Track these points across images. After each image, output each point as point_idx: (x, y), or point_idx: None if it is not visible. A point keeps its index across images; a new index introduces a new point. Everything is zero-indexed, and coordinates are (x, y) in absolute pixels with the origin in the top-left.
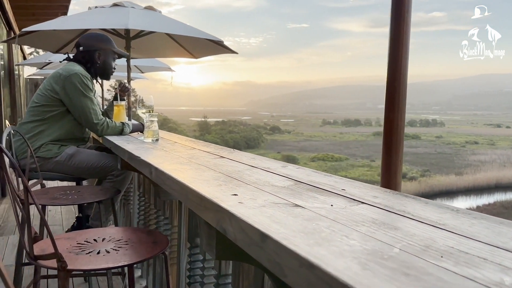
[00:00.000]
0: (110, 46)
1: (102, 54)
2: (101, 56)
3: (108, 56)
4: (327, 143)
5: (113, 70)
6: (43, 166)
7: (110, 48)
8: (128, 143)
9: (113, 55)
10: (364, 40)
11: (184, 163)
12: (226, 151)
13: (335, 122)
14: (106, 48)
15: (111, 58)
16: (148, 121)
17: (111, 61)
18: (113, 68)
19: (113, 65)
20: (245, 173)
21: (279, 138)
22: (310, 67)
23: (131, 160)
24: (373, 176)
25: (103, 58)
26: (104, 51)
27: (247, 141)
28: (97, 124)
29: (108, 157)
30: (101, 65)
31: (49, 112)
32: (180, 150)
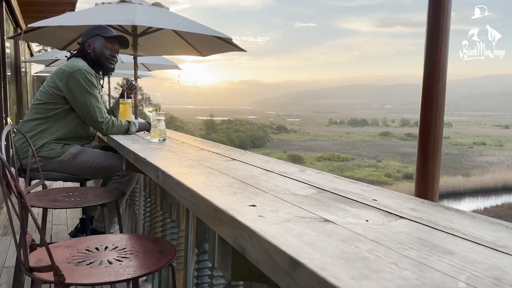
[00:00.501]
0: (98, 32)
1: (91, 42)
2: (91, 44)
3: (98, 42)
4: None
5: (107, 57)
6: (45, 166)
7: (97, 34)
8: (134, 143)
9: (104, 41)
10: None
11: (193, 166)
12: (237, 152)
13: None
14: (94, 35)
15: (102, 45)
16: (155, 120)
17: (103, 48)
18: (109, 56)
19: (107, 52)
20: (260, 178)
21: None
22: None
23: (137, 161)
24: (380, 177)
25: (93, 46)
26: (93, 38)
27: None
28: (102, 123)
29: (113, 157)
30: (92, 54)
31: (52, 110)
32: (189, 151)
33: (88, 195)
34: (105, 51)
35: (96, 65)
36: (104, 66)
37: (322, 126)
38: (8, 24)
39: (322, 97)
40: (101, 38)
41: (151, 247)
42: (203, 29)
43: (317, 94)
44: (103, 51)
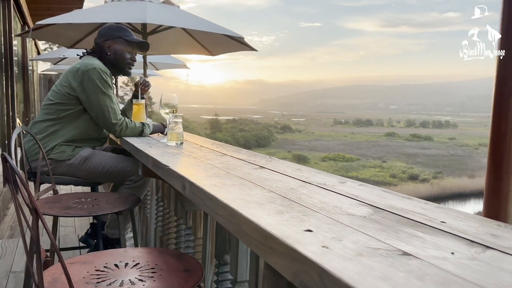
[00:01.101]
0: (119, 34)
1: (111, 44)
2: (111, 46)
3: (119, 45)
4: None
5: (128, 62)
6: (55, 169)
7: (119, 36)
8: (151, 146)
9: (126, 44)
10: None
11: (222, 175)
12: (262, 158)
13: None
14: (116, 36)
15: (123, 48)
16: (172, 123)
17: (124, 51)
18: (130, 60)
19: (128, 56)
20: (301, 192)
21: (289, 137)
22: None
23: (157, 168)
24: (385, 177)
25: (113, 48)
26: (114, 40)
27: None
28: (115, 125)
29: (126, 161)
30: (111, 56)
31: (64, 110)
32: (211, 156)
33: (102, 201)
34: (126, 55)
35: (113, 67)
36: (122, 69)
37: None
38: (16, 22)
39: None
40: (123, 41)
41: (175, 264)
42: (214, 28)
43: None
44: (124, 55)
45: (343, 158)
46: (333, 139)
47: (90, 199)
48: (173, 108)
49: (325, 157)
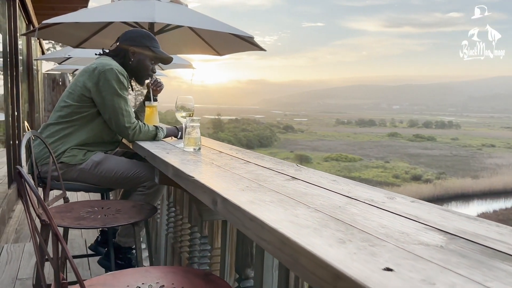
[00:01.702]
0: (148, 43)
1: (136, 52)
2: (135, 54)
3: (144, 55)
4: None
5: (149, 74)
6: (66, 174)
7: (147, 46)
8: (168, 152)
9: (152, 56)
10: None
11: (255, 189)
12: (290, 167)
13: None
14: (143, 46)
15: (147, 59)
16: (189, 127)
17: (147, 62)
18: (150, 72)
19: (150, 68)
20: (350, 211)
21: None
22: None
23: (179, 178)
24: (388, 178)
25: (137, 57)
26: (139, 48)
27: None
28: (128, 128)
29: (140, 166)
30: (134, 65)
31: (78, 113)
32: (234, 164)
33: (115, 210)
34: (149, 66)
35: (131, 74)
36: (139, 78)
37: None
38: (21, 21)
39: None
40: (149, 51)
41: (201, 285)
42: (224, 27)
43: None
44: (147, 65)
45: (345, 158)
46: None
47: (103, 208)
48: (190, 111)
49: (328, 157)
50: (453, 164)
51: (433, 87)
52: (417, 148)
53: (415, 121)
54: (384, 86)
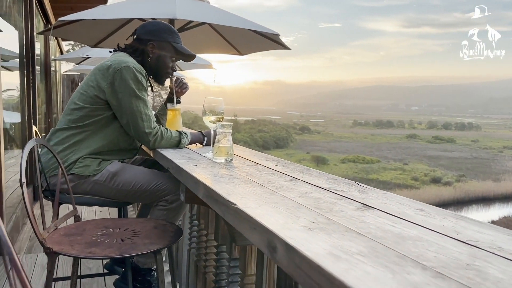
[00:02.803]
0: (169, 38)
1: (156, 47)
2: (155, 49)
3: (164, 50)
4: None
5: (168, 72)
6: (78, 187)
7: (168, 41)
8: (195, 164)
9: (173, 52)
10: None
11: (324, 225)
12: (350, 186)
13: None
14: (163, 40)
15: (168, 56)
16: (219, 134)
17: (167, 59)
18: (170, 70)
19: (170, 65)
20: (488, 272)
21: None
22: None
23: (214, 202)
24: (406, 180)
25: (157, 53)
26: (160, 44)
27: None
28: (149, 134)
29: (161, 177)
30: (153, 61)
31: (90, 117)
32: (278, 181)
33: (134, 233)
34: (169, 63)
35: (150, 71)
36: (158, 78)
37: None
38: (38, 20)
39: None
40: (170, 47)
41: None
42: (249, 24)
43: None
44: (167, 62)
45: (363, 160)
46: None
47: (120, 229)
48: (220, 115)
49: (345, 158)
50: (473, 166)
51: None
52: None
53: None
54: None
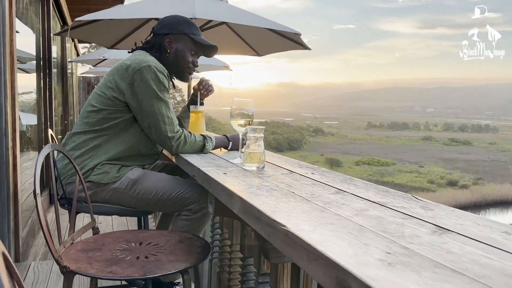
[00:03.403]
0: (186, 30)
1: (173, 40)
2: (172, 43)
3: (182, 43)
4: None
5: (189, 66)
6: (96, 195)
7: (185, 33)
8: (225, 173)
9: (192, 44)
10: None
11: (405, 259)
12: (408, 201)
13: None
14: (180, 32)
15: (186, 50)
16: (250, 138)
17: (186, 53)
18: (191, 65)
19: (190, 59)
20: None
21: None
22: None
23: (253, 220)
24: (422, 183)
25: (175, 46)
26: (177, 37)
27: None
28: (172, 139)
29: (185, 185)
30: (171, 55)
31: (109, 120)
32: (324, 194)
33: (157, 248)
34: (189, 57)
35: (170, 69)
36: (180, 74)
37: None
38: (55, 21)
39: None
40: (188, 39)
41: None
42: (270, 24)
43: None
44: (186, 56)
45: (378, 162)
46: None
47: (142, 244)
48: (249, 118)
49: (359, 161)
50: (491, 169)
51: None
52: (452, 153)
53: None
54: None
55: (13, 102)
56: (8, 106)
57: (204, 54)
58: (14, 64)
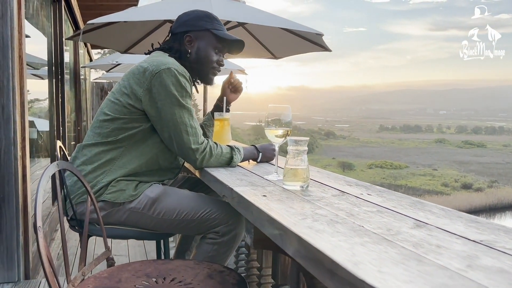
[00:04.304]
0: (208, 25)
1: (193, 38)
2: (194, 41)
3: (204, 40)
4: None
5: (214, 66)
6: (110, 217)
7: (207, 28)
8: (264, 195)
9: (215, 41)
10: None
11: None
12: (506, 234)
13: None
14: (200, 29)
15: (209, 47)
16: (291, 152)
17: (210, 50)
18: (216, 64)
19: (214, 58)
20: None
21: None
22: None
23: (325, 273)
24: (436, 186)
25: (197, 45)
26: (197, 34)
27: None
28: (196, 151)
29: (211, 203)
30: (193, 55)
31: (124, 130)
32: (400, 228)
33: (184, 285)
34: (213, 56)
35: (193, 70)
36: (203, 76)
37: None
38: (68, 26)
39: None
40: (211, 36)
41: None
42: (290, 24)
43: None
44: (210, 55)
45: (390, 165)
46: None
47: (166, 280)
48: (287, 127)
49: (372, 164)
50: (506, 172)
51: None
52: (466, 155)
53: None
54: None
55: (23, 109)
56: (17, 114)
57: (229, 51)
58: (23, 69)
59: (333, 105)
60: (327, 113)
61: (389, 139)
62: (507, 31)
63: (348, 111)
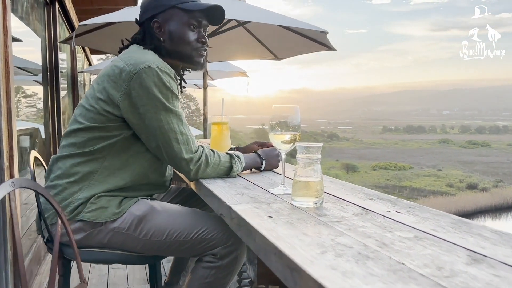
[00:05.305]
0: (171, 1)
1: (162, 22)
2: (163, 25)
3: (174, 20)
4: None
5: (197, 47)
6: (90, 239)
7: (172, 5)
8: (270, 215)
9: (186, 17)
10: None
11: None
12: None
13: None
14: (166, 8)
15: (183, 24)
16: (303, 160)
17: (183, 29)
18: (197, 43)
19: (192, 37)
20: None
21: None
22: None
23: None
24: (441, 187)
25: (167, 28)
26: (164, 15)
27: None
28: (189, 161)
29: (207, 221)
30: (166, 42)
31: (103, 139)
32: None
33: None
34: (189, 34)
35: (174, 57)
36: (187, 60)
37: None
38: (63, 29)
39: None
40: (179, 12)
41: None
42: (293, 22)
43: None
44: (185, 35)
45: (395, 166)
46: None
47: None
48: (295, 131)
49: (376, 165)
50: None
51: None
52: (471, 155)
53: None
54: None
55: (9, 116)
56: (2, 121)
57: (210, 22)
58: (9, 73)
59: (336, 107)
60: (330, 115)
61: (393, 140)
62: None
63: (350, 112)
